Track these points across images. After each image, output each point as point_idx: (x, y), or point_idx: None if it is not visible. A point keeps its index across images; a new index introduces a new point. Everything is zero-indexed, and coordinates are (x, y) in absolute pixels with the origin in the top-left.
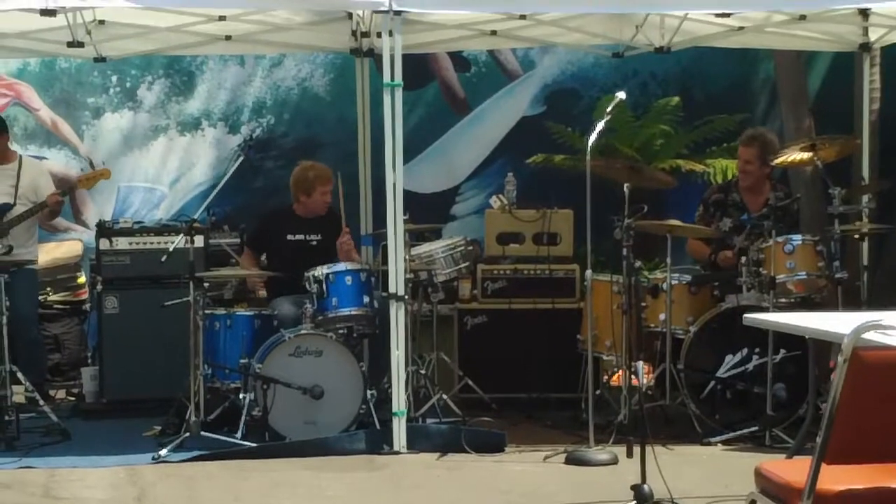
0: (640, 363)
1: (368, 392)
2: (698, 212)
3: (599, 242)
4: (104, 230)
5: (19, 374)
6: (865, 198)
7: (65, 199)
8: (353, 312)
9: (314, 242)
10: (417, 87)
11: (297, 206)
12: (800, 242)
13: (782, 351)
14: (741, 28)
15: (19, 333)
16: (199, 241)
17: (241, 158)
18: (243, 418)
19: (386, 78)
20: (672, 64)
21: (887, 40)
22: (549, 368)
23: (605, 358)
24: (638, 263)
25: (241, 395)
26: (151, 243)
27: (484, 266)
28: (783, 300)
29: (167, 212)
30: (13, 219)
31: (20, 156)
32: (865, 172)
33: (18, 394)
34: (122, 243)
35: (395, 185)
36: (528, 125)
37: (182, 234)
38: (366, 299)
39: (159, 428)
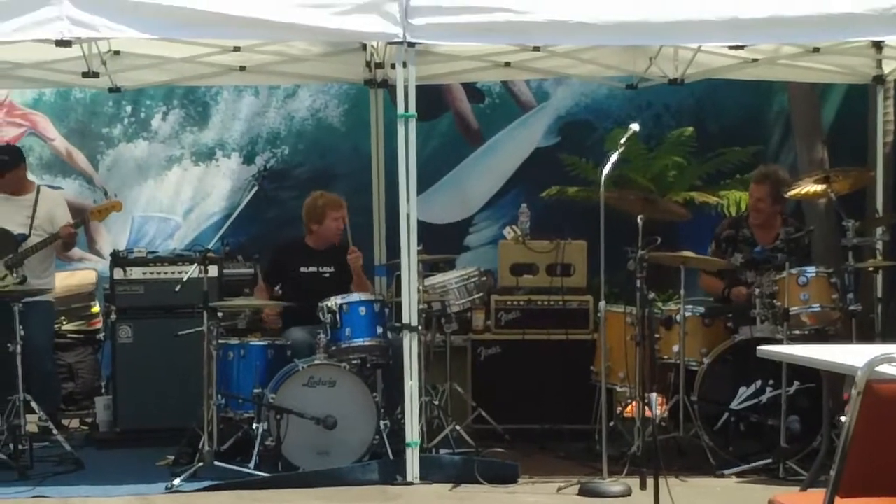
0: (654, 395)
1: (381, 422)
2: (711, 248)
3: (613, 274)
4: (118, 260)
5: (33, 404)
6: (879, 230)
7: (78, 231)
8: (366, 343)
9: (327, 275)
10: (431, 117)
11: (309, 237)
12: (814, 275)
13: (796, 383)
14: (755, 60)
15: (34, 365)
16: (213, 270)
17: (255, 188)
18: (256, 448)
19: (400, 109)
20: (686, 95)
21: None
22: (562, 399)
23: (618, 389)
24: (651, 295)
25: (254, 425)
26: (165, 273)
27: (497, 297)
28: (797, 332)
29: (181, 241)
30: (27, 250)
31: (38, 186)
32: (879, 205)
33: (32, 423)
34: (136, 273)
35: (408, 215)
36: (541, 156)
37: (196, 264)
38: (379, 330)
39: (172, 457)
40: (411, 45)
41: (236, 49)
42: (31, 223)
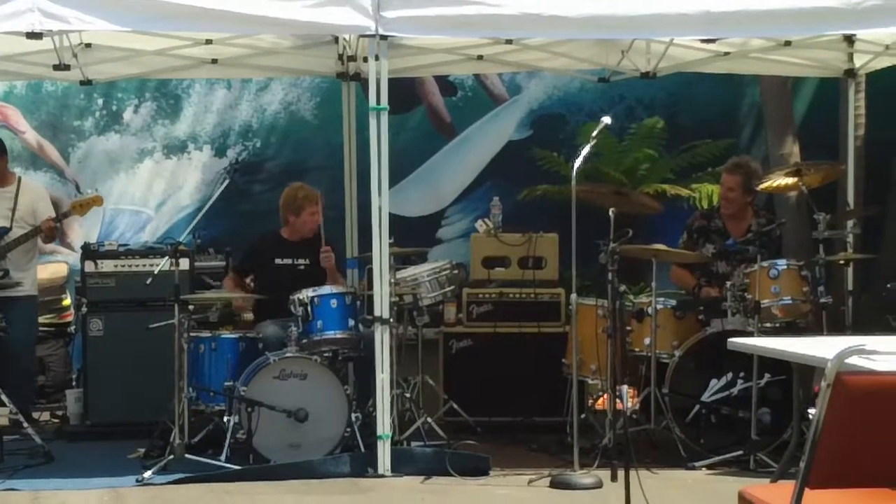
0: (625, 387)
1: (353, 415)
2: (682, 238)
3: (585, 267)
4: (89, 253)
5: (3, 397)
6: (850, 223)
7: (59, 225)
8: (338, 336)
9: (302, 267)
10: (404, 111)
11: (285, 229)
12: (785, 267)
13: (767, 375)
14: (727, 53)
15: (11, 360)
16: (184, 263)
17: (226, 182)
18: (227, 441)
19: (372, 102)
20: (658, 89)
21: (872, 66)
22: (534, 392)
23: (590, 382)
24: (623, 288)
25: (225, 418)
26: (137, 266)
27: (469, 290)
28: (768, 325)
29: (153, 234)
30: (10, 242)
31: (19, 178)
32: (850, 198)
33: (2, 416)
34: (107, 266)
35: (380, 208)
36: (514, 149)
37: (167, 257)
38: (351, 322)
39: (143, 450)
40: (384, 37)
41: (208, 42)
42: (12, 215)
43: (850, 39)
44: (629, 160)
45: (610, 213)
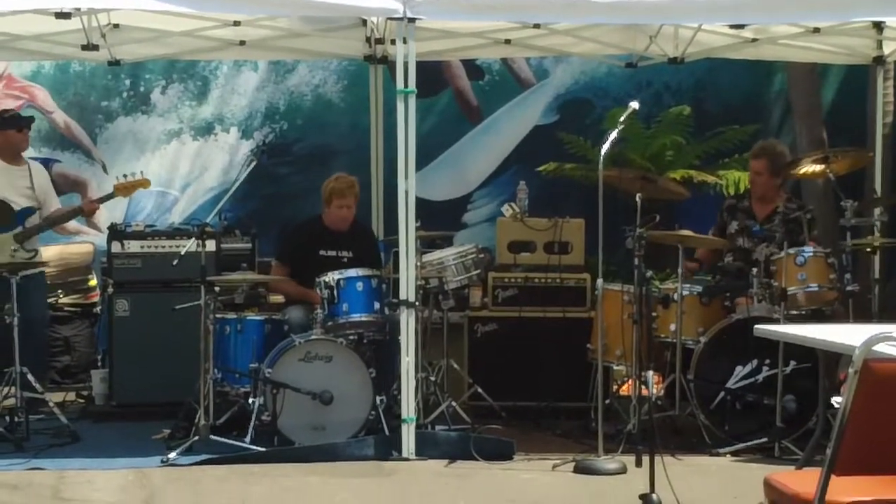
0: (650, 373)
1: (377, 398)
2: (716, 223)
3: (611, 252)
4: (116, 233)
5: (29, 376)
6: (877, 211)
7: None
8: (363, 319)
9: (345, 259)
10: (431, 94)
11: (324, 216)
12: (811, 255)
13: (792, 362)
14: (755, 40)
15: (28, 336)
16: (210, 245)
17: (253, 163)
18: (252, 423)
19: (399, 85)
20: (685, 75)
21: None
22: (558, 377)
23: (615, 367)
24: (649, 273)
25: (250, 400)
26: (163, 247)
27: (495, 274)
28: (794, 312)
29: (179, 216)
30: (55, 219)
31: (27, 159)
32: (878, 185)
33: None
34: (133, 247)
35: (407, 192)
36: (540, 134)
37: (194, 238)
38: (376, 306)
39: (168, 431)
40: (411, 20)
41: (236, 23)
42: (34, 195)
43: (878, 26)
44: (655, 146)
45: (637, 198)
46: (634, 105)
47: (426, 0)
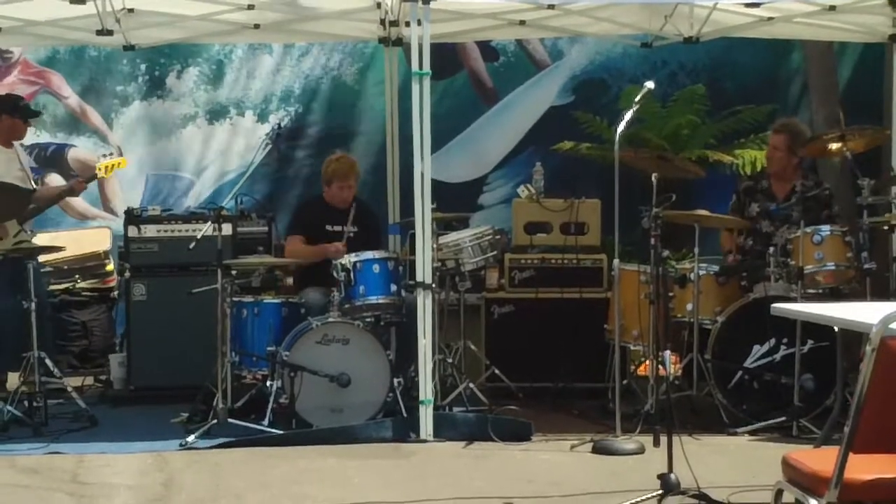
0: (668, 353)
1: (395, 380)
2: (732, 202)
3: (627, 232)
4: (133, 218)
5: (47, 361)
6: (895, 189)
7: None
8: (380, 301)
9: (352, 234)
10: (446, 76)
11: (325, 193)
12: (828, 233)
13: (810, 341)
14: (770, 18)
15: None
16: (227, 229)
17: (268, 147)
18: (270, 406)
19: (414, 67)
20: (701, 54)
21: None
22: (575, 358)
23: (632, 348)
24: (665, 253)
25: (268, 383)
26: (179, 231)
27: (511, 255)
28: (811, 291)
29: (195, 200)
30: (45, 199)
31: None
32: (895, 163)
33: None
34: (150, 231)
35: (423, 174)
36: (556, 115)
37: (210, 222)
38: (393, 288)
39: (186, 415)
40: (426, 2)
41: (250, 7)
42: (25, 177)
43: (894, 4)
44: (671, 126)
45: (653, 178)
46: (650, 85)
47: None
